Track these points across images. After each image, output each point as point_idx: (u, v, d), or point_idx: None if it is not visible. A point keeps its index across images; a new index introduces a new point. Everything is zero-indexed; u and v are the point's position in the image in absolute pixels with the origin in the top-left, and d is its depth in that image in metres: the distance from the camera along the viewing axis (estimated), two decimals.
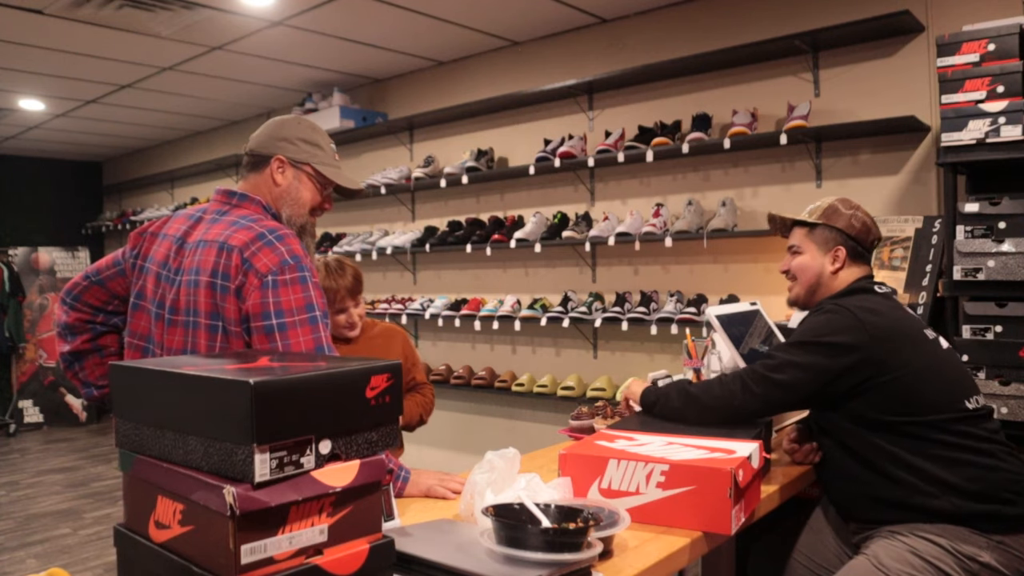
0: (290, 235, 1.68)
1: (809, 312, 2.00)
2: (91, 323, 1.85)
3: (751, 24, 3.79)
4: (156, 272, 1.73)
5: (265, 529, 0.93)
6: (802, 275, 2.08)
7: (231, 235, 1.65)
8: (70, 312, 1.83)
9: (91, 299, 1.83)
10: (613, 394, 4.09)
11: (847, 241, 2.04)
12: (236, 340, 1.62)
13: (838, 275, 2.04)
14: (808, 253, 2.08)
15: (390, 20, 4.25)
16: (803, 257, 2.09)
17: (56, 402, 7.67)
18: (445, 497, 1.74)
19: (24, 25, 4.16)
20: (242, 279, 1.60)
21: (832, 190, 3.60)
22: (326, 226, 5.99)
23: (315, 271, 1.68)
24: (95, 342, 1.86)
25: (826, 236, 2.05)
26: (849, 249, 2.03)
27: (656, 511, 1.50)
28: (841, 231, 2.04)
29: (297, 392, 0.97)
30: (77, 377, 1.89)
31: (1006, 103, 2.67)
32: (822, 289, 2.05)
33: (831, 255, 2.04)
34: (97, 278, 1.83)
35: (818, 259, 2.06)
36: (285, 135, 1.81)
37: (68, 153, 8.11)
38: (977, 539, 1.67)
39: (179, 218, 1.79)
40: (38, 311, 7.73)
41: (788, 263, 2.13)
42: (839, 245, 2.04)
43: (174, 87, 5.53)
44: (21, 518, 4.69)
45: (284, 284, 1.60)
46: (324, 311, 1.65)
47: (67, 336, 1.85)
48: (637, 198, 4.27)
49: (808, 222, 2.09)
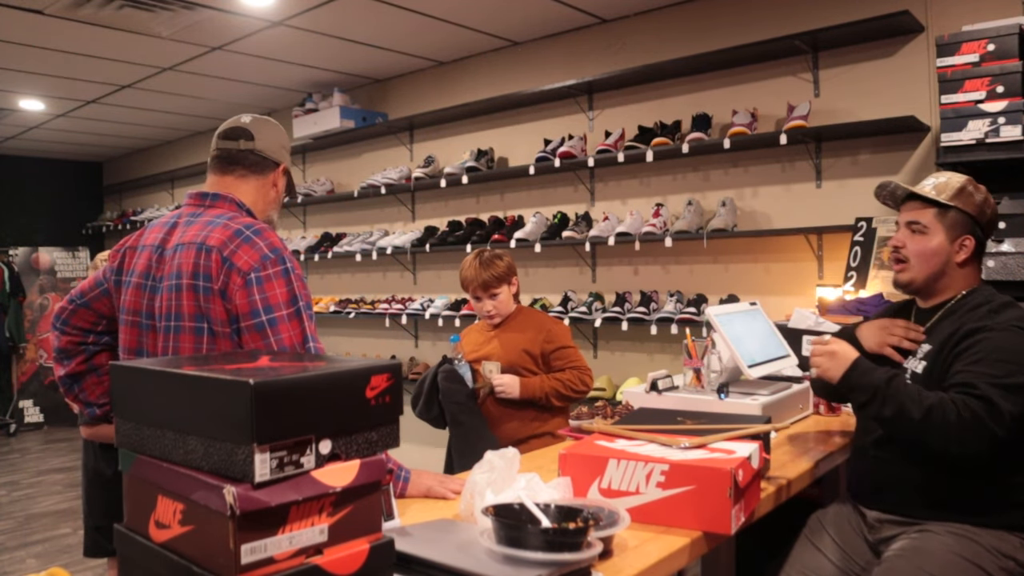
0: (267, 229, 1.69)
1: (969, 327, 1.75)
2: (83, 344, 1.87)
3: (751, 24, 3.79)
4: (138, 283, 1.73)
5: (265, 529, 0.93)
6: (923, 262, 1.87)
7: (208, 235, 1.64)
8: (61, 337, 1.86)
9: (79, 322, 1.85)
10: (613, 394, 4.09)
11: (977, 230, 1.83)
12: (223, 341, 1.62)
13: (964, 267, 1.85)
14: (935, 236, 1.86)
15: (390, 20, 4.25)
16: (928, 240, 1.86)
17: (56, 402, 7.66)
18: (445, 497, 1.74)
19: (24, 25, 4.16)
20: (225, 279, 1.60)
21: (832, 190, 3.61)
22: (326, 226, 5.99)
23: (296, 263, 1.68)
24: (90, 362, 1.88)
25: (956, 220, 1.84)
26: (977, 239, 1.84)
27: (656, 511, 1.50)
28: (973, 218, 1.83)
29: (297, 392, 0.97)
30: (78, 399, 1.91)
31: (1006, 103, 2.67)
32: (945, 280, 1.87)
33: (958, 243, 1.84)
34: (82, 301, 1.85)
35: (945, 247, 1.85)
36: (286, 144, 1.91)
37: (68, 153, 8.11)
38: (1012, 539, 1.69)
39: (154, 227, 1.78)
40: (38, 311, 7.73)
41: (903, 239, 1.90)
42: (968, 234, 1.84)
43: (174, 87, 5.53)
44: (21, 518, 4.69)
45: (268, 279, 1.60)
46: (307, 302, 1.66)
47: (63, 360, 1.87)
48: (637, 198, 4.27)
49: (941, 202, 1.86)
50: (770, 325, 2.60)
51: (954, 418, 1.63)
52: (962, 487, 1.75)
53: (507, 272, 2.80)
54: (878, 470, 1.89)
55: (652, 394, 2.34)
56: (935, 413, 1.65)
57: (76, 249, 8.03)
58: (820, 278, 3.62)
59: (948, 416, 1.64)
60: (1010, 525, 1.72)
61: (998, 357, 1.68)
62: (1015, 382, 1.65)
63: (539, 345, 2.76)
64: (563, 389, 2.71)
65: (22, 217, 8.02)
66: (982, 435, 1.62)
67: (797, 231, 3.59)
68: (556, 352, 2.77)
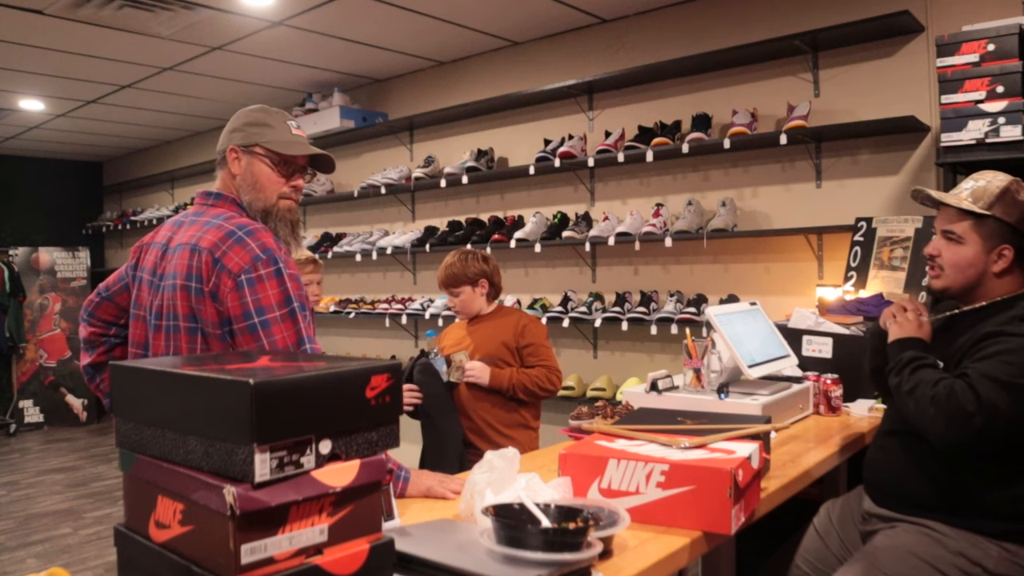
0: (260, 229, 1.66)
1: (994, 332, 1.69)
2: (105, 336, 1.92)
3: (751, 24, 3.79)
4: (148, 280, 1.75)
5: (265, 529, 0.93)
6: (958, 272, 1.80)
7: (201, 236, 1.65)
8: (87, 327, 1.92)
9: (104, 314, 1.91)
10: (613, 394, 4.09)
11: (1017, 240, 1.73)
12: (215, 342, 1.62)
13: (1003, 276, 1.77)
14: (970, 247, 1.77)
15: (390, 20, 4.25)
16: (963, 250, 1.78)
17: (56, 402, 7.67)
18: (445, 497, 1.74)
19: (24, 25, 4.16)
20: (215, 281, 1.59)
21: (832, 190, 3.61)
22: (326, 226, 5.99)
23: (291, 262, 1.66)
24: (110, 354, 1.93)
25: (993, 230, 1.75)
26: (1018, 249, 1.75)
27: (656, 511, 1.50)
28: (1013, 227, 1.73)
29: (297, 392, 0.97)
30: (99, 388, 1.96)
31: (1006, 103, 2.67)
32: (981, 290, 1.80)
33: (996, 252, 1.75)
34: (107, 294, 1.90)
35: (981, 257, 1.76)
36: (235, 126, 1.79)
37: (68, 153, 8.11)
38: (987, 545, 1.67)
39: (167, 225, 1.81)
40: (38, 311, 7.73)
41: (938, 248, 1.83)
42: (1007, 244, 1.74)
43: (174, 87, 5.53)
44: (21, 518, 4.69)
45: (260, 280, 1.59)
46: (302, 302, 1.64)
47: (88, 349, 1.94)
48: (637, 198, 4.27)
49: (976, 212, 1.76)
50: (770, 325, 2.59)
51: (931, 394, 1.62)
52: (945, 486, 1.72)
53: (467, 273, 2.95)
54: (878, 460, 1.91)
55: (652, 394, 2.34)
56: (920, 389, 1.65)
57: (76, 249, 8.02)
58: (820, 278, 3.62)
59: (927, 391, 1.63)
60: (988, 531, 1.67)
61: (1006, 359, 1.63)
62: (1011, 380, 1.60)
63: (514, 339, 2.92)
64: (530, 384, 2.87)
65: (22, 217, 8.02)
66: (954, 416, 1.58)
67: (797, 231, 3.59)
68: (528, 348, 2.92)
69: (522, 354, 2.93)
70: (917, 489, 1.76)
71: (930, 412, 1.62)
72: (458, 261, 2.96)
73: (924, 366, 1.72)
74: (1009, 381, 1.60)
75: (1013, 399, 1.59)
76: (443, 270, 2.98)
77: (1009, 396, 1.59)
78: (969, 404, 1.58)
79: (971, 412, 1.57)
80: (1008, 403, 1.59)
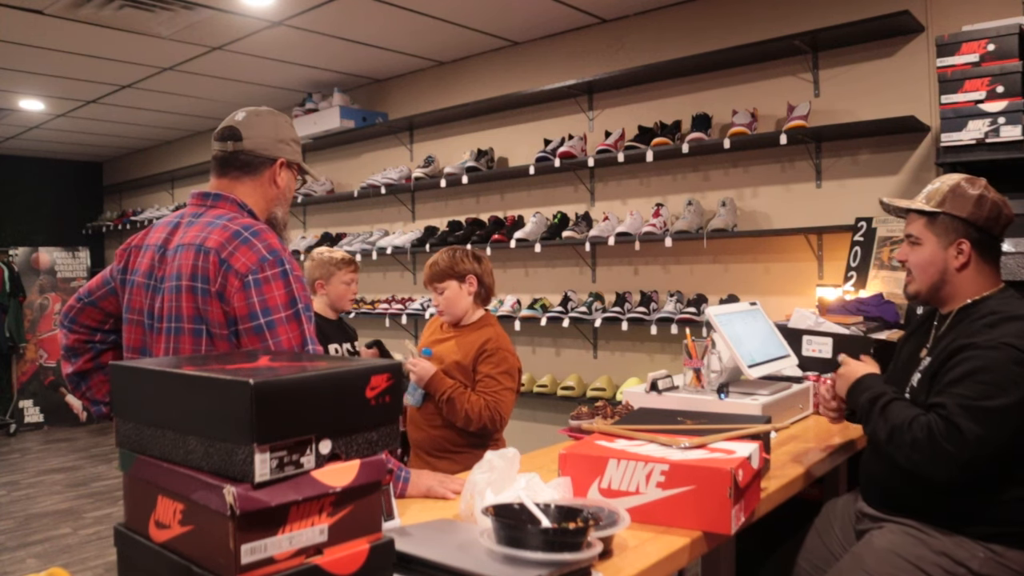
0: (266, 230, 1.67)
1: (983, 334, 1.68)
2: (90, 342, 1.87)
3: (751, 24, 3.79)
4: (142, 283, 1.73)
5: (265, 529, 0.93)
6: (921, 273, 1.84)
7: (207, 237, 1.64)
8: (69, 334, 1.86)
9: (87, 320, 1.85)
10: (613, 394, 4.09)
11: (972, 232, 1.77)
12: (221, 343, 1.61)
13: (966, 272, 1.79)
14: (927, 246, 1.82)
15: (390, 20, 4.25)
16: (922, 251, 1.83)
17: (56, 402, 7.67)
18: (445, 497, 1.74)
19: (24, 25, 4.16)
20: (222, 281, 1.59)
21: (832, 190, 3.61)
22: (326, 226, 5.99)
23: (296, 264, 1.67)
24: (97, 360, 1.88)
25: (947, 226, 1.78)
26: (974, 241, 1.77)
27: (656, 511, 1.50)
28: (965, 220, 1.77)
29: (297, 392, 0.97)
30: (85, 396, 1.91)
31: (1006, 103, 2.67)
32: (948, 287, 1.82)
33: (954, 248, 1.78)
34: (90, 299, 1.85)
35: (939, 254, 1.80)
36: (283, 136, 1.82)
37: (68, 153, 8.11)
38: (972, 547, 1.67)
39: (159, 227, 1.78)
40: (38, 311, 7.73)
41: (905, 253, 1.87)
42: (962, 238, 1.78)
43: (174, 87, 5.53)
44: (21, 518, 4.69)
45: (266, 281, 1.59)
46: (307, 304, 1.65)
47: (70, 358, 1.87)
48: (637, 198, 4.27)
49: (926, 211, 1.81)
50: (770, 325, 2.60)
51: (909, 439, 1.63)
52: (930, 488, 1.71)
53: (454, 268, 2.71)
54: (869, 461, 1.92)
55: (652, 394, 2.34)
56: (897, 435, 1.66)
57: (76, 249, 8.03)
58: (820, 278, 3.62)
59: (906, 437, 1.63)
60: (974, 532, 1.68)
61: (977, 379, 1.62)
62: (988, 405, 1.59)
63: (471, 360, 2.66)
64: (458, 405, 2.57)
65: (22, 217, 8.02)
66: (939, 458, 1.59)
67: (797, 231, 3.59)
68: (481, 372, 2.64)
69: (476, 374, 2.66)
70: (903, 490, 1.77)
71: (915, 459, 1.63)
72: (446, 256, 2.75)
73: (887, 403, 1.73)
74: (987, 406, 1.59)
75: (994, 423, 1.59)
76: (428, 267, 2.76)
77: (989, 421, 1.59)
78: (952, 444, 1.58)
79: (955, 451, 1.58)
80: (991, 428, 1.59)
